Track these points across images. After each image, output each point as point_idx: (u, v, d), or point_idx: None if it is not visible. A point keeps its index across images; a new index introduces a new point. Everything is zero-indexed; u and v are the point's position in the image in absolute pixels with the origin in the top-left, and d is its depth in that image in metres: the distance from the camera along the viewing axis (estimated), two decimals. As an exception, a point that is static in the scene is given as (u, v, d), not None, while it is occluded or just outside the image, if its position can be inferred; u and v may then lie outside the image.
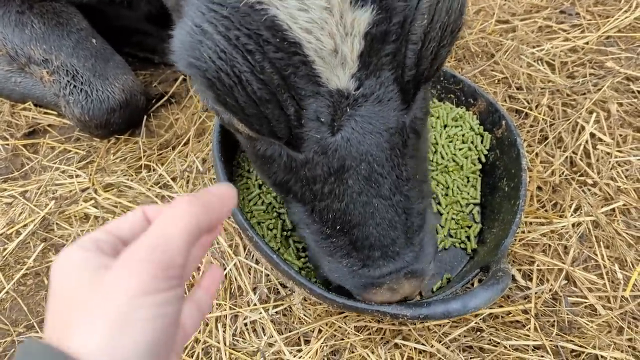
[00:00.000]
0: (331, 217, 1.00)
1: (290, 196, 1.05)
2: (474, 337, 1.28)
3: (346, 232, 1.00)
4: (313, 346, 1.24)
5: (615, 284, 1.37)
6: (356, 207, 0.97)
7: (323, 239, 1.05)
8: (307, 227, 1.06)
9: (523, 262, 1.40)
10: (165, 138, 1.72)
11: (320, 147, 0.90)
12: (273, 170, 1.02)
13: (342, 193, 0.96)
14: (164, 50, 1.94)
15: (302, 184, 0.99)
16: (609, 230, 1.45)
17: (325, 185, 0.96)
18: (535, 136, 1.68)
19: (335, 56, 0.78)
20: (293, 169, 0.98)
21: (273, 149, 0.98)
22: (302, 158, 0.93)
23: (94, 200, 1.53)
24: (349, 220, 0.99)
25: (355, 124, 0.88)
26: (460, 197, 1.46)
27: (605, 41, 1.95)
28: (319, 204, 1.00)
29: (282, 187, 1.04)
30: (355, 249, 1.02)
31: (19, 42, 1.61)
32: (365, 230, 0.99)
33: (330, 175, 0.94)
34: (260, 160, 1.03)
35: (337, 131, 0.89)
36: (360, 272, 1.03)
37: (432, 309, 1.03)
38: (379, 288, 1.03)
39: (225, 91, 0.79)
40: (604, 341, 1.26)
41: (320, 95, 0.83)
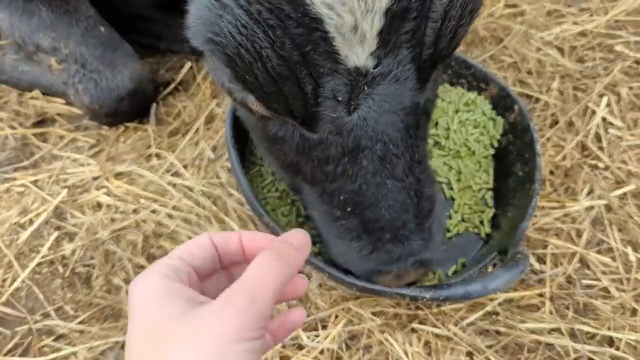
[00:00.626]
0: (342, 199, 0.99)
1: (300, 178, 1.04)
2: (490, 321, 1.29)
3: (357, 213, 1.00)
4: (331, 331, 1.25)
5: (628, 266, 1.38)
6: (369, 188, 0.96)
7: (332, 221, 1.05)
8: (316, 208, 1.06)
9: (537, 246, 1.41)
10: (174, 126, 1.71)
11: (335, 127, 0.90)
12: (284, 152, 1.01)
13: (355, 174, 0.95)
14: (170, 37, 1.92)
15: (313, 165, 0.99)
16: (621, 214, 1.46)
17: (339, 166, 0.95)
18: (546, 120, 1.68)
19: (355, 33, 0.76)
20: (305, 150, 0.97)
21: (285, 129, 0.96)
22: (316, 138, 0.93)
23: (105, 188, 1.53)
24: (361, 201, 0.98)
25: (372, 103, 0.87)
26: (472, 182, 1.46)
27: (614, 25, 1.94)
28: (330, 185, 0.99)
29: (292, 169, 1.03)
30: (366, 232, 1.01)
31: (27, 30, 1.59)
32: (377, 211, 0.98)
33: (344, 156, 0.93)
34: (270, 142, 1.02)
35: (354, 110, 0.88)
36: (369, 256, 1.03)
37: (453, 291, 1.04)
38: (386, 275, 1.03)
39: (245, 68, 0.77)
40: (618, 323, 1.27)
41: (338, 73, 0.82)
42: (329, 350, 1.22)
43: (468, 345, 1.24)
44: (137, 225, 1.46)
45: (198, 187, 1.51)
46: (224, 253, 0.72)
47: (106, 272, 1.38)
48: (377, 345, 1.24)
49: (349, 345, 1.25)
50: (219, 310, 0.56)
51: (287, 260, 0.64)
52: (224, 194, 1.49)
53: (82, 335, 1.29)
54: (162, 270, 0.61)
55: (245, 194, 1.21)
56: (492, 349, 1.24)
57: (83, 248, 1.42)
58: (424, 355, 1.22)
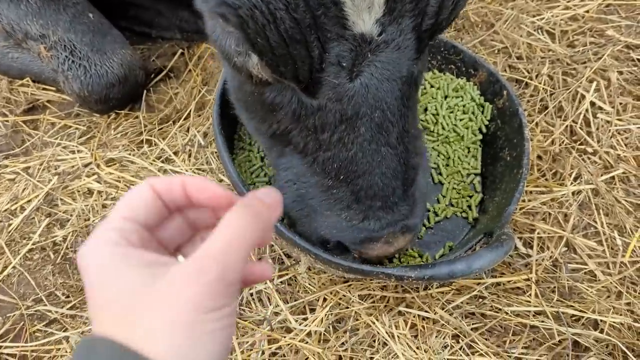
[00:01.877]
0: (336, 167, 1.00)
1: (289, 148, 1.04)
2: (476, 304, 1.30)
3: (350, 182, 1.01)
4: (318, 314, 1.26)
5: (615, 250, 1.39)
6: (365, 156, 0.98)
7: (323, 192, 1.06)
8: (304, 180, 1.07)
9: (524, 231, 1.42)
10: (165, 113, 1.71)
11: (335, 94, 0.91)
12: (277, 119, 1.01)
13: (351, 141, 0.96)
14: (161, 24, 1.92)
15: (308, 134, 0.99)
16: (608, 198, 1.47)
17: (335, 133, 0.96)
18: (535, 105, 1.68)
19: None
20: (301, 117, 0.97)
21: (283, 95, 0.97)
22: (315, 105, 0.93)
23: (96, 175, 1.54)
24: (354, 169, 0.99)
25: (374, 70, 0.89)
26: (461, 167, 1.47)
27: (606, 9, 1.94)
28: (323, 154, 1.00)
29: (283, 139, 1.03)
30: (357, 200, 1.02)
31: (15, 17, 1.59)
32: (370, 179, 1.00)
33: (342, 123, 0.94)
34: (265, 110, 1.02)
35: (356, 77, 0.89)
36: (360, 225, 1.04)
37: (437, 270, 1.05)
38: (377, 242, 1.05)
39: (257, 30, 0.77)
40: (603, 306, 1.29)
41: (344, 39, 0.83)
42: (316, 332, 1.24)
43: (454, 328, 1.26)
44: (127, 212, 1.47)
45: (189, 173, 1.52)
46: (169, 200, 0.65)
47: (97, 258, 1.39)
48: (364, 328, 1.26)
49: (336, 328, 1.26)
50: (190, 280, 0.53)
51: (259, 218, 0.59)
52: (214, 180, 1.50)
53: (74, 320, 1.30)
54: (110, 238, 0.56)
55: (232, 178, 1.21)
56: (477, 332, 1.25)
57: (74, 234, 1.43)
58: (410, 338, 1.24)
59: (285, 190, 1.11)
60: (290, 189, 1.11)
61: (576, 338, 1.24)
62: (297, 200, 1.11)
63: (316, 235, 1.13)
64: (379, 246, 1.06)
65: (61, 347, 1.25)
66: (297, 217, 1.14)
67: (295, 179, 1.09)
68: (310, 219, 1.12)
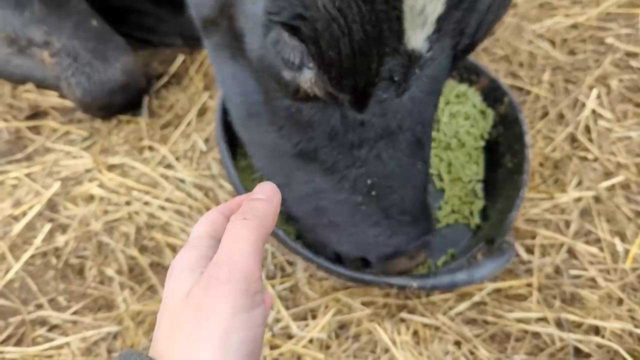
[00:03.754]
0: (369, 183, 1.00)
1: (314, 166, 1.03)
2: (478, 311, 1.30)
3: (382, 198, 1.01)
4: (320, 321, 1.26)
5: (615, 256, 1.40)
6: (402, 170, 0.99)
7: (349, 208, 1.05)
8: (325, 196, 1.06)
9: (525, 237, 1.42)
10: (167, 118, 1.72)
11: (381, 108, 0.91)
12: (310, 136, 1.00)
13: (390, 156, 0.97)
14: (163, 30, 1.93)
15: (341, 151, 0.99)
16: (609, 205, 1.47)
17: (374, 148, 0.97)
18: (536, 112, 1.69)
19: (420, 15, 0.79)
20: (338, 134, 0.97)
21: (323, 112, 0.96)
22: (358, 120, 0.94)
23: (98, 180, 1.54)
24: (390, 185, 1.00)
25: (421, 85, 0.91)
26: (463, 174, 1.47)
27: (606, 17, 1.95)
28: (357, 170, 1.00)
29: (309, 155, 1.02)
30: (387, 216, 1.03)
31: (19, 24, 1.60)
32: (404, 194, 1.01)
33: (383, 138, 0.95)
34: (297, 126, 1.00)
35: (403, 92, 0.90)
36: (387, 241, 1.05)
37: (439, 280, 1.06)
38: (402, 257, 1.05)
39: (331, 43, 0.78)
40: (604, 312, 1.29)
41: (399, 54, 0.84)
42: (318, 339, 1.24)
43: (456, 334, 1.26)
44: (129, 217, 1.47)
45: (190, 179, 1.52)
46: None
47: (99, 264, 1.39)
48: (366, 335, 1.26)
49: (338, 334, 1.26)
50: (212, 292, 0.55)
51: (255, 214, 0.63)
52: (216, 186, 1.50)
53: (75, 326, 1.30)
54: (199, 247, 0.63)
55: (235, 185, 1.22)
56: (479, 338, 1.26)
57: (76, 240, 1.43)
58: (412, 344, 1.24)
59: (302, 202, 1.11)
60: (308, 200, 1.10)
61: (577, 344, 1.24)
62: (316, 211, 1.10)
63: (333, 248, 1.13)
64: (403, 261, 1.06)
65: (62, 352, 1.25)
66: (312, 227, 1.14)
67: (315, 194, 1.08)
68: (327, 231, 1.11)
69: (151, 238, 1.44)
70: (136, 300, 1.33)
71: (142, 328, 1.28)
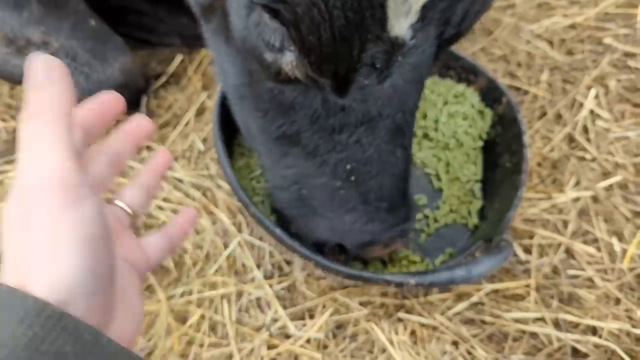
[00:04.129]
0: (349, 168, 1.01)
1: (296, 149, 1.04)
2: (475, 311, 1.30)
3: (360, 183, 1.02)
4: (318, 320, 1.26)
5: (613, 256, 1.40)
6: (381, 157, 0.99)
7: (328, 193, 1.05)
8: (307, 181, 1.06)
9: (523, 237, 1.42)
10: (165, 118, 1.72)
11: (362, 94, 0.91)
12: (292, 119, 1.00)
13: (370, 142, 0.97)
14: (161, 30, 1.93)
15: (323, 134, 0.99)
16: (607, 205, 1.47)
17: (354, 134, 0.97)
18: (534, 113, 1.69)
19: (404, 3, 0.79)
20: (320, 118, 0.97)
21: (305, 95, 0.96)
22: (339, 105, 0.94)
23: (96, 181, 1.54)
24: (368, 170, 1.00)
25: (403, 73, 0.91)
26: (461, 174, 1.48)
27: (604, 17, 1.95)
28: (337, 155, 1.00)
29: (292, 138, 1.03)
30: (364, 202, 1.03)
31: (17, 24, 1.59)
32: (382, 180, 1.01)
33: (363, 124, 0.95)
34: (280, 109, 1.00)
35: (385, 78, 0.90)
36: (363, 228, 1.05)
37: (437, 276, 1.06)
38: (377, 245, 1.06)
39: (311, 28, 0.77)
40: (602, 312, 1.29)
41: (381, 41, 0.84)
42: (316, 339, 1.24)
43: (453, 334, 1.26)
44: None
45: (188, 179, 1.52)
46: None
47: (96, 263, 1.39)
48: (363, 334, 1.26)
49: (335, 334, 1.26)
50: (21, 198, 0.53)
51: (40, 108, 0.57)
52: (214, 186, 1.50)
53: (73, 326, 1.30)
54: None
55: (232, 185, 1.22)
56: (477, 338, 1.26)
57: (74, 239, 1.43)
58: (409, 344, 1.24)
59: (285, 189, 1.11)
60: (291, 188, 1.11)
61: (575, 344, 1.24)
62: (298, 200, 1.11)
63: (313, 237, 1.13)
64: (378, 249, 1.07)
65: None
66: (294, 217, 1.15)
67: (298, 179, 1.09)
68: (308, 220, 1.12)
69: (149, 238, 1.43)
70: (134, 300, 1.33)
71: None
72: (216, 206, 1.46)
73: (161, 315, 1.29)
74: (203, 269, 1.36)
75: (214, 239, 1.39)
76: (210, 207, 1.46)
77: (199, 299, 1.32)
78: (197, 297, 1.31)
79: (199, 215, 0.77)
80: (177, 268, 1.38)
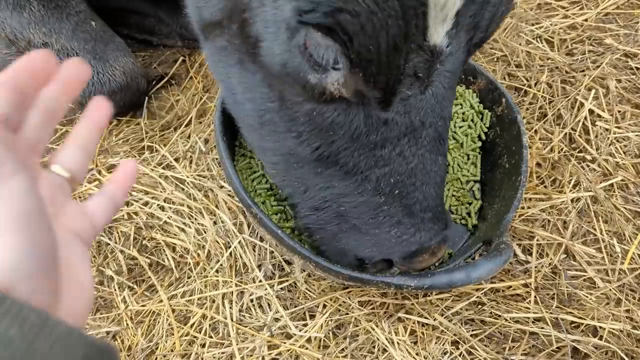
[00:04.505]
0: (392, 182, 1.01)
1: (333, 169, 1.02)
2: (475, 311, 1.31)
3: (404, 196, 1.02)
4: (318, 320, 1.27)
5: (614, 257, 1.40)
6: (425, 167, 1.00)
7: (371, 210, 1.05)
8: (346, 200, 1.05)
9: (523, 237, 1.43)
10: (166, 119, 1.72)
11: (405, 106, 0.92)
12: (331, 140, 0.98)
13: (413, 153, 0.98)
14: (163, 31, 1.93)
15: (363, 152, 0.99)
16: (607, 205, 1.47)
17: (397, 147, 0.97)
18: (534, 113, 1.69)
19: (442, 11, 0.80)
20: (361, 135, 0.96)
21: (346, 113, 0.95)
22: (382, 119, 0.94)
23: (97, 181, 1.54)
24: (412, 182, 1.01)
25: (442, 81, 0.92)
26: (460, 175, 1.48)
27: (604, 18, 1.95)
28: (379, 170, 1.00)
29: (329, 159, 1.01)
30: (410, 215, 1.03)
31: (18, 25, 1.60)
32: (426, 190, 1.02)
33: (405, 136, 0.96)
34: (318, 130, 0.98)
35: (426, 88, 0.91)
36: (411, 239, 1.05)
37: (436, 279, 1.06)
38: (426, 253, 1.06)
39: (369, 39, 0.78)
40: (602, 313, 1.29)
41: (422, 50, 0.84)
42: (316, 338, 1.24)
43: (453, 334, 1.27)
44: (129, 217, 1.48)
45: (189, 180, 1.53)
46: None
47: (98, 264, 1.40)
48: (364, 334, 1.26)
49: (335, 334, 1.27)
50: None
51: None
52: (215, 186, 1.51)
53: (74, 326, 1.30)
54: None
55: (234, 185, 1.22)
56: (476, 338, 1.26)
57: (75, 240, 1.44)
58: (409, 344, 1.24)
59: (321, 210, 1.10)
60: (327, 209, 1.09)
61: (575, 345, 1.25)
62: (337, 217, 1.10)
63: (355, 253, 1.12)
64: (427, 257, 1.07)
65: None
66: (331, 234, 1.13)
67: (335, 199, 1.07)
68: (349, 237, 1.11)
69: (151, 238, 1.44)
70: (135, 301, 1.33)
71: (141, 328, 1.29)
72: (217, 207, 1.46)
73: (162, 316, 1.30)
74: (204, 269, 1.37)
75: (216, 240, 1.40)
76: (211, 207, 1.46)
77: (201, 299, 1.32)
78: (199, 297, 1.32)
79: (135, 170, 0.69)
80: (178, 268, 1.38)
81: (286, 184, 1.14)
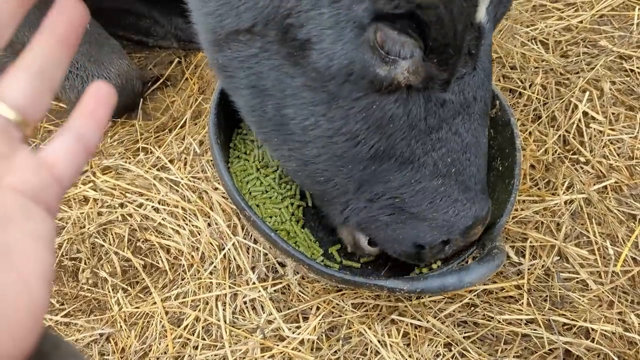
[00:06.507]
0: (449, 162, 1.03)
1: (387, 164, 1.02)
2: (468, 313, 1.31)
3: (461, 172, 1.05)
4: (311, 323, 1.27)
5: (607, 259, 1.40)
6: (477, 140, 1.04)
7: (429, 195, 1.06)
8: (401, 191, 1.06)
9: (516, 239, 1.43)
10: (161, 121, 1.73)
11: (459, 84, 0.96)
12: (389, 133, 0.98)
13: (467, 129, 1.01)
14: (158, 33, 1.94)
15: (421, 137, 1.00)
16: (600, 207, 1.48)
17: (452, 126, 1.00)
18: (528, 115, 1.69)
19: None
20: (420, 121, 0.98)
21: (406, 103, 0.95)
22: (441, 100, 0.97)
23: (92, 183, 1.55)
24: (468, 157, 1.04)
25: (486, 56, 0.97)
26: (454, 176, 1.48)
27: (599, 20, 1.95)
28: (435, 153, 1.02)
29: (384, 154, 1.00)
30: (465, 190, 1.07)
31: (14, 27, 1.60)
32: (478, 162, 1.06)
33: (459, 114, 0.99)
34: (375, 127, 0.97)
35: (476, 64, 0.96)
36: (468, 214, 1.08)
37: (429, 283, 1.07)
38: (479, 224, 1.11)
39: (446, 27, 0.82)
40: (595, 315, 1.30)
41: (472, 27, 0.89)
42: (309, 341, 1.25)
43: (446, 336, 1.27)
44: (123, 219, 1.48)
45: (184, 182, 1.53)
46: None
47: (92, 266, 1.40)
48: (357, 337, 1.26)
49: (328, 336, 1.27)
50: None
51: None
52: (209, 188, 1.51)
53: (68, 328, 1.31)
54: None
55: (227, 187, 1.23)
56: (469, 340, 1.26)
57: (70, 242, 1.44)
58: (402, 346, 1.25)
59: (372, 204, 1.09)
60: (380, 203, 1.09)
61: (567, 347, 1.25)
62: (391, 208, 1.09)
63: (414, 241, 1.12)
64: (480, 228, 1.12)
65: (55, 354, 1.26)
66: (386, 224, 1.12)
67: (391, 192, 1.07)
68: (404, 226, 1.11)
69: (145, 240, 1.44)
70: (129, 302, 1.34)
71: (135, 330, 1.29)
72: (212, 209, 1.47)
73: (156, 318, 1.30)
74: (198, 271, 1.37)
75: (210, 241, 1.40)
76: (205, 209, 1.47)
77: (194, 301, 1.32)
78: (192, 299, 1.32)
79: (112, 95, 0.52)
80: (172, 270, 1.39)
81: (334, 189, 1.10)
